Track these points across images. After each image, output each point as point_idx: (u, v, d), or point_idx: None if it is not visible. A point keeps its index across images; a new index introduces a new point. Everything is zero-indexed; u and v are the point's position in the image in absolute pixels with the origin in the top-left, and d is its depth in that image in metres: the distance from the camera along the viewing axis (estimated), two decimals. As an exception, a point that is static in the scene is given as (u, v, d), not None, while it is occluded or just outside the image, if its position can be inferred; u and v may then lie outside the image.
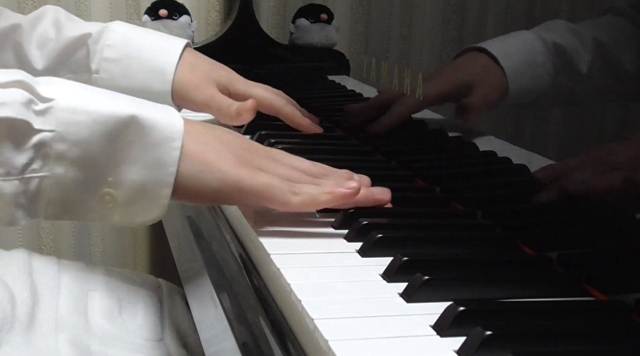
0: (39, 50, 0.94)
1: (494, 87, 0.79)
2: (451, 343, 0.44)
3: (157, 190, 0.59)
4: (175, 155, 0.58)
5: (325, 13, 1.38)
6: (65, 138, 0.56)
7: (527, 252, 0.59)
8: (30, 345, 0.78)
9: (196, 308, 0.69)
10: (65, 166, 0.56)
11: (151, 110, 0.59)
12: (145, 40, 0.93)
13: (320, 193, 0.61)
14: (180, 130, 0.59)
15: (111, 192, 0.58)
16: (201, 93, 0.91)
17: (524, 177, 0.75)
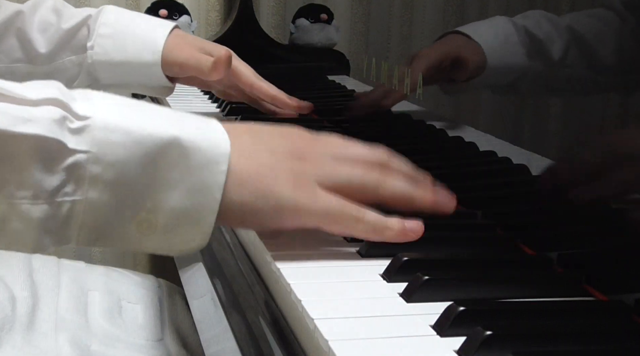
0: (41, 34, 0.96)
1: (474, 59, 0.82)
2: (451, 343, 0.44)
3: (201, 217, 0.54)
4: (221, 180, 0.53)
5: (325, 13, 1.38)
6: (101, 160, 0.51)
7: (527, 252, 0.59)
8: (31, 345, 0.78)
9: (196, 308, 0.69)
10: (100, 190, 0.51)
11: (194, 129, 0.54)
12: (137, 18, 0.98)
13: (384, 228, 0.57)
14: (227, 152, 0.54)
15: (149, 217, 0.53)
16: (182, 52, 0.94)
17: (524, 177, 0.75)
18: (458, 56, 0.86)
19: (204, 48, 0.97)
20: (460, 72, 0.86)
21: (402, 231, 0.57)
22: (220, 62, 0.93)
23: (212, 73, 0.93)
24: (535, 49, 0.71)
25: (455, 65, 0.86)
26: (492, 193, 0.73)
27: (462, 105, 0.93)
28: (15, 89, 0.51)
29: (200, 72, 0.94)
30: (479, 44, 0.80)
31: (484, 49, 0.79)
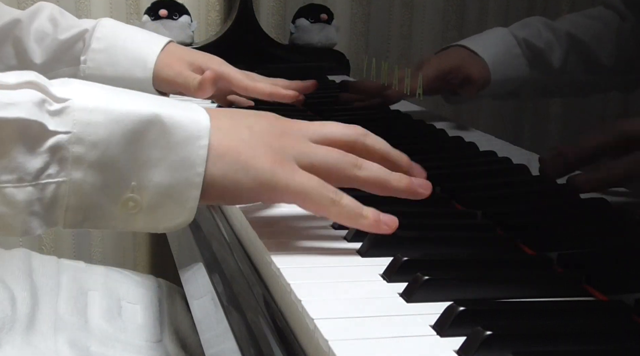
0: (37, 44, 0.97)
1: (480, 76, 0.82)
2: (451, 343, 0.44)
3: (185, 193, 0.55)
4: (202, 154, 0.55)
5: (325, 13, 1.38)
6: (83, 140, 0.52)
7: (527, 252, 0.59)
8: (30, 345, 0.78)
9: (196, 308, 0.69)
10: (84, 170, 0.52)
11: (174, 107, 0.56)
12: (131, 33, 0.98)
13: (359, 215, 0.57)
14: (207, 127, 0.55)
15: (135, 197, 0.54)
16: (171, 70, 0.95)
17: (524, 177, 0.75)
18: (464, 73, 0.86)
19: (195, 62, 0.97)
20: (465, 88, 0.86)
21: (377, 222, 0.57)
22: (205, 83, 0.93)
23: (198, 92, 0.94)
24: (536, 59, 0.71)
25: (461, 80, 0.86)
26: (492, 193, 0.73)
27: (462, 105, 0.93)
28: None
29: (186, 91, 0.95)
30: (484, 61, 0.80)
31: (488, 65, 0.79)
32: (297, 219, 0.65)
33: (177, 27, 1.39)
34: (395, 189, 0.60)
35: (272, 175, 0.56)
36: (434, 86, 0.91)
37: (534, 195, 0.71)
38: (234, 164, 0.56)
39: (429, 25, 0.98)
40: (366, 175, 0.59)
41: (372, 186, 0.60)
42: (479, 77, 0.82)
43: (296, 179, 0.57)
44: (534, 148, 0.75)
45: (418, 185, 0.61)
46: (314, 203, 0.57)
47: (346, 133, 0.62)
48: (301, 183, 0.57)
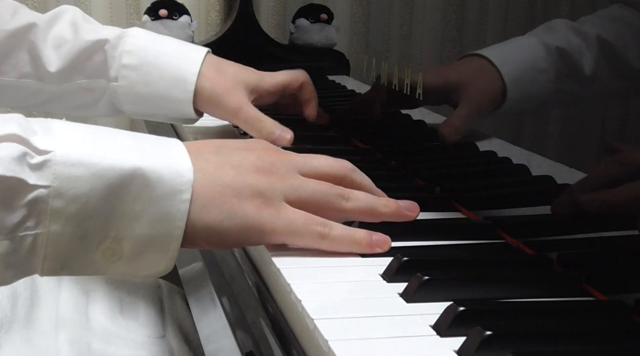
0: (54, 51, 0.91)
1: (490, 94, 0.78)
2: (451, 343, 0.44)
3: (165, 245, 0.54)
4: (184, 208, 0.54)
5: (325, 13, 1.38)
6: (63, 194, 0.51)
7: (527, 252, 0.59)
8: (30, 344, 0.78)
9: (196, 309, 0.69)
10: (62, 223, 0.51)
11: (157, 158, 0.54)
12: (165, 47, 0.90)
13: (352, 243, 0.58)
14: (190, 180, 0.54)
15: (114, 246, 0.53)
16: (232, 100, 0.87)
17: (524, 177, 0.75)
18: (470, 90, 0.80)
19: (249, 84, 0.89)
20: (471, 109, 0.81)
21: (370, 245, 0.58)
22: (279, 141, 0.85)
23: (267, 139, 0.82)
24: (567, 69, 0.67)
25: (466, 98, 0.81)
26: (492, 193, 0.73)
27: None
28: None
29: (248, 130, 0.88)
30: (501, 77, 0.75)
31: (506, 82, 0.74)
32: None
33: (177, 27, 1.39)
34: (383, 214, 0.61)
35: (259, 220, 0.56)
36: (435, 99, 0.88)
37: (534, 195, 0.71)
38: (218, 214, 0.55)
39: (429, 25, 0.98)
40: (354, 205, 0.60)
41: (361, 215, 0.60)
42: (490, 96, 0.77)
43: (282, 220, 0.56)
44: (534, 148, 0.75)
45: (405, 207, 0.62)
46: (303, 240, 0.57)
47: (335, 167, 0.62)
48: (288, 223, 0.57)
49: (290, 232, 0.57)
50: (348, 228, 0.58)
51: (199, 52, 0.89)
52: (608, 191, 0.59)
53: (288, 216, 0.57)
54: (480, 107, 0.81)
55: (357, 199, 0.60)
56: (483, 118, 0.82)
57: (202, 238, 0.56)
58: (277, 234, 0.57)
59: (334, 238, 0.57)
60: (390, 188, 0.75)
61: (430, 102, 0.89)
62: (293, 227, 0.57)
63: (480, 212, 0.68)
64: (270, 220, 0.56)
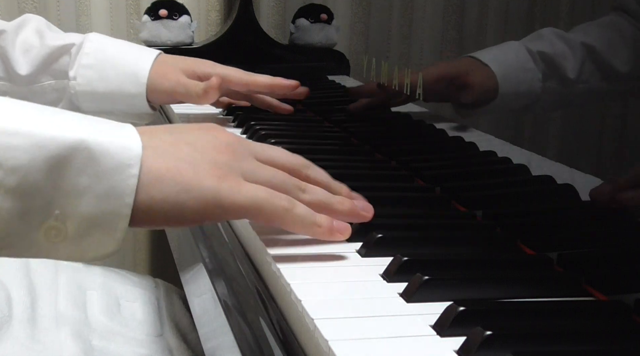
0: (22, 55, 0.96)
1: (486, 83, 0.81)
2: (451, 343, 0.44)
3: (112, 224, 0.52)
4: (132, 183, 0.51)
5: (325, 13, 1.38)
6: (1, 165, 0.48)
7: (527, 252, 0.59)
8: (34, 340, 0.78)
9: (196, 309, 0.69)
10: (2, 196, 0.49)
11: (103, 132, 0.52)
12: (120, 48, 0.97)
13: (313, 224, 0.57)
14: (138, 154, 0.52)
15: (58, 225, 0.50)
16: (167, 81, 0.94)
17: (524, 177, 0.75)
18: (469, 82, 0.85)
19: (188, 68, 0.97)
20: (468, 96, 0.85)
21: (330, 229, 0.57)
22: (211, 88, 0.92)
23: (203, 99, 0.93)
24: (551, 72, 0.70)
25: (464, 87, 0.86)
26: (492, 193, 0.73)
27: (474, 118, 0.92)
28: None
29: (189, 99, 0.95)
30: (492, 72, 0.79)
31: (497, 76, 0.79)
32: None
33: (177, 27, 1.39)
34: (338, 212, 0.60)
35: (217, 192, 0.54)
36: (435, 90, 0.90)
37: (534, 195, 0.71)
38: (173, 186, 0.53)
39: (429, 25, 0.98)
40: (310, 198, 0.59)
41: (316, 209, 0.59)
42: (485, 86, 0.81)
43: (243, 192, 0.55)
44: (534, 148, 0.75)
45: (361, 207, 0.61)
46: (266, 214, 0.55)
47: (290, 160, 0.61)
48: (250, 196, 0.55)
49: (253, 205, 0.55)
50: (311, 210, 0.57)
51: (152, 53, 0.97)
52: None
53: (249, 189, 0.55)
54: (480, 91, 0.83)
55: (314, 192, 0.59)
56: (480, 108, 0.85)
57: (159, 215, 0.53)
58: (238, 208, 0.55)
59: (297, 214, 0.56)
60: (390, 189, 0.76)
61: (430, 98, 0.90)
62: (257, 201, 0.55)
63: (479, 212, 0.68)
64: (230, 192, 0.54)
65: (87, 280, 0.95)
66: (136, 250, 1.68)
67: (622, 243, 0.60)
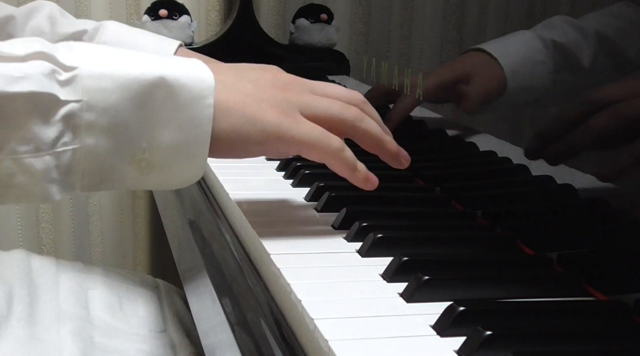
0: None
1: (492, 81, 0.79)
2: (451, 343, 0.44)
3: (194, 150, 0.57)
4: (209, 113, 0.56)
5: (325, 13, 1.37)
6: (93, 107, 0.54)
7: (527, 252, 0.59)
8: (34, 338, 0.78)
9: (196, 309, 0.69)
10: (97, 135, 0.54)
11: (178, 67, 0.57)
12: (139, 38, 0.95)
13: (354, 168, 0.62)
14: (212, 86, 0.57)
15: (146, 156, 0.56)
16: None
17: (524, 177, 0.75)
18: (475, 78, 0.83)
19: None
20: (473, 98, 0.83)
21: (366, 178, 0.63)
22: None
23: None
24: (564, 62, 0.69)
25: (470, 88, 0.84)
26: (492, 193, 0.73)
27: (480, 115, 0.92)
28: (2, 48, 0.53)
29: None
30: (501, 68, 0.77)
31: (506, 72, 0.77)
32: (297, 219, 0.65)
33: (177, 27, 1.39)
34: (385, 150, 0.65)
35: (278, 127, 0.59)
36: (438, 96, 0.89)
37: (534, 195, 0.71)
38: (240, 118, 0.58)
39: (429, 25, 0.98)
40: (366, 127, 0.63)
41: (369, 140, 0.64)
42: (492, 85, 0.80)
43: (301, 129, 0.59)
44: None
45: (403, 156, 0.67)
46: (318, 151, 0.60)
47: (347, 95, 0.65)
48: (306, 133, 0.59)
49: (308, 142, 0.59)
50: (354, 156, 0.62)
51: (172, 44, 0.95)
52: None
53: (307, 126, 0.60)
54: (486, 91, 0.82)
55: (370, 124, 0.64)
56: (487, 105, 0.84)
57: (226, 144, 0.58)
58: (295, 143, 0.59)
59: (343, 157, 0.61)
60: (390, 189, 0.76)
61: (433, 99, 0.90)
62: (312, 137, 0.60)
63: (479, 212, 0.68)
64: (289, 127, 0.59)
65: (88, 280, 0.95)
66: (136, 250, 1.68)
67: (622, 243, 0.60)
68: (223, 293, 0.61)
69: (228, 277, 0.63)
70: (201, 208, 0.79)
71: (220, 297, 0.60)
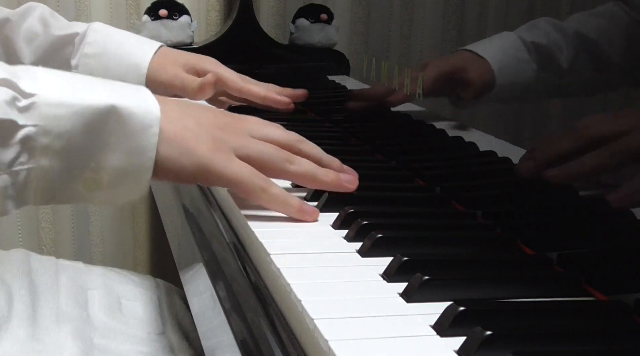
0: (26, 44, 0.98)
1: (483, 76, 0.82)
2: (451, 343, 0.44)
3: (138, 174, 0.61)
4: (154, 141, 0.61)
5: (325, 13, 1.37)
6: (49, 132, 0.58)
7: (527, 252, 0.59)
8: (34, 339, 0.78)
9: (196, 308, 0.69)
10: (50, 157, 0.58)
11: (129, 97, 0.61)
12: (122, 38, 1.00)
13: (285, 203, 0.64)
14: (158, 117, 0.61)
15: (94, 176, 0.60)
16: (166, 73, 0.97)
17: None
18: (467, 75, 0.86)
19: (188, 64, 0.99)
20: (468, 91, 0.86)
21: (300, 209, 0.65)
22: (206, 85, 0.96)
23: (198, 94, 0.97)
24: (545, 61, 0.71)
25: (463, 83, 0.87)
26: (492, 193, 0.73)
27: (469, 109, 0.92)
28: None
29: (185, 93, 0.97)
30: (489, 64, 0.81)
31: (493, 68, 0.81)
32: (297, 220, 0.65)
33: (177, 27, 1.39)
34: (322, 183, 0.68)
35: (210, 161, 0.63)
36: (435, 88, 0.90)
37: (534, 195, 0.71)
38: (178, 148, 0.63)
39: (429, 25, 0.98)
40: (296, 169, 0.67)
41: (302, 179, 0.68)
42: (483, 79, 0.82)
43: (230, 167, 0.64)
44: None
45: (345, 180, 0.68)
46: (244, 189, 0.64)
47: (284, 136, 0.69)
48: (234, 172, 0.64)
49: (235, 180, 0.64)
50: (285, 191, 0.65)
51: (154, 44, 1.00)
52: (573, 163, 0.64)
53: (237, 166, 0.64)
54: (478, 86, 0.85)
55: (301, 164, 0.67)
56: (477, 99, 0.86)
57: (164, 170, 0.63)
58: (224, 178, 0.64)
59: (272, 194, 0.64)
60: (390, 189, 0.76)
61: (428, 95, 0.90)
62: (239, 176, 0.64)
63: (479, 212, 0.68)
64: (219, 164, 0.63)
65: (88, 280, 0.95)
66: (136, 249, 1.68)
67: (622, 243, 0.60)
68: (223, 293, 0.61)
69: (228, 277, 0.63)
70: (201, 208, 0.79)
71: (220, 297, 0.60)
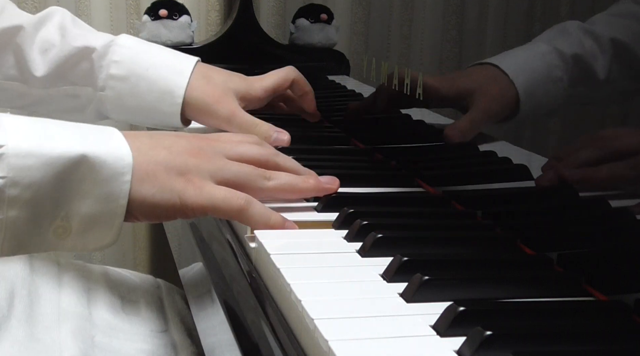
0: (40, 55, 0.91)
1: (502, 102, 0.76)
2: (451, 343, 0.44)
3: (110, 221, 0.60)
4: (125, 188, 0.60)
5: (325, 13, 1.38)
6: (18, 183, 0.56)
7: (527, 252, 0.59)
8: (33, 339, 0.78)
9: (196, 308, 0.69)
10: (18, 208, 0.57)
11: (100, 145, 0.60)
12: (154, 57, 0.89)
13: (267, 221, 0.62)
14: (130, 163, 0.60)
15: (64, 224, 0.59)
16: (223, 108, 0.87)
17: (524, 177, 0.75)
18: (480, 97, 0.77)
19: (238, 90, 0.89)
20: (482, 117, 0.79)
21: (282, 224, 0.63)
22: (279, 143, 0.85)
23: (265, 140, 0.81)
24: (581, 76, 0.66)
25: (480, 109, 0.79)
26: (492, 193, 0.73)
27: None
28: None
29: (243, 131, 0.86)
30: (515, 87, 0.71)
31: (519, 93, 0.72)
32: (297, 220, 0.65)
33: (177, 27, 1.39)
34: (303, 190, 0.67)
35: (183, 194, 0.62)
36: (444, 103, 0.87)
37: (534, 195, 0.71)
38: (151, 189, 0.61)
39: (429, 25, 0.98)
40: (274, 184, 0.66)
41: (283, 193, 0.67)
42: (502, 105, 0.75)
43: (203, 195, 0.62)
44: (534, 148, 0.75)
45: (325, 182, 0.68)
46: (222, 212, 0.62)
47: (259, 152, 0.68)
48: (208, 197, 0.62)
49: (211, 206, 0.62)
50: (266, 208, 0.63)
51: (188, 63, 0.89)
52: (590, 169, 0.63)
53: (210, 190, 0.62)
54: (491, 114, 0.80)
55: (278, 178, 0.66)
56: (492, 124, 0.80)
57: (139, 212, 0.62)
58: (200, 209, 0.62)
59: (252, 214, 0.62)
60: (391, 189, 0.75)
61: (437, 105, 0.89)
62: (214, 200, 0.62)
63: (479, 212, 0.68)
64: (193, 194, 0.62)
65: (90, 280, 0.95)
66: (136, 249, 1.68)
67: (622, 243, 0.60)
68: (223, 293, 0.61)
69: (228, 277, 0.63)
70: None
71: (220, 297, 0.60)
